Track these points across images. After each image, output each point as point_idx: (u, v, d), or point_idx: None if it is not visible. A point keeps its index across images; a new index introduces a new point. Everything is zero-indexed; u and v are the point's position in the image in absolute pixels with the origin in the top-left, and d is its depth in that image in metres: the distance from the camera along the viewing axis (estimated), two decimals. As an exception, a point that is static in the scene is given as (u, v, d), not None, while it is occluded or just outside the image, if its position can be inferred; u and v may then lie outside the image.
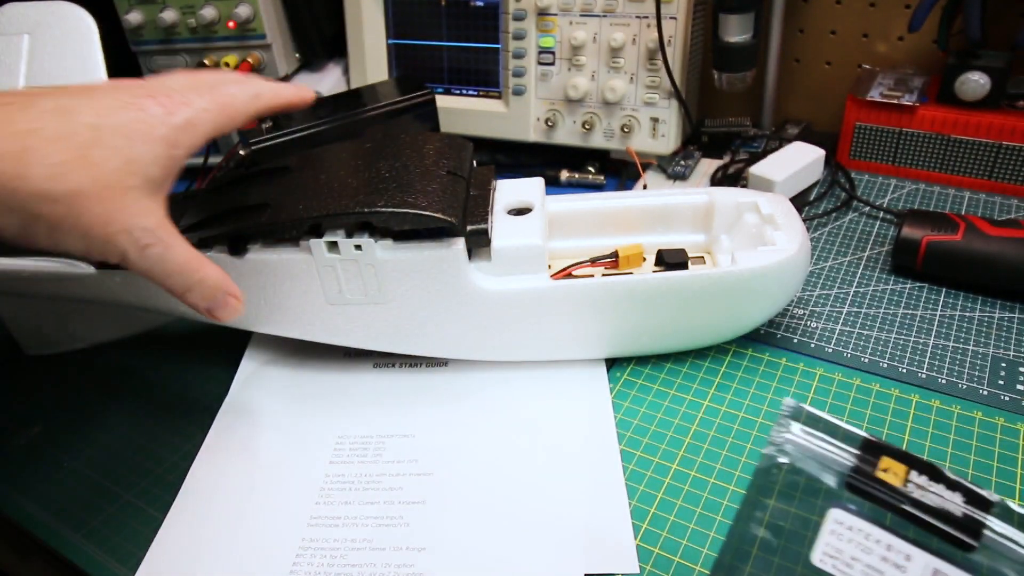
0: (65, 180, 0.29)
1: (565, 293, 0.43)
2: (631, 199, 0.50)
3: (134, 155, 0.32)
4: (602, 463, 0.40)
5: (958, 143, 0.63)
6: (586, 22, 0.65)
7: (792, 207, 0.47)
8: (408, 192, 0.41)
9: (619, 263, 0.47)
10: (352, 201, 0.41)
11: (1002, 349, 0.47)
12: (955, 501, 0.27)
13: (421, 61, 0.74)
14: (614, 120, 0.67)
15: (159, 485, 0.42)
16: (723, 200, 0.49)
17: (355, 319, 0.45)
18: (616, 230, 0.50)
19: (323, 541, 0.38)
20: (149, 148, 0.32)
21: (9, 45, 0.51)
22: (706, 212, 0.49)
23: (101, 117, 0.31)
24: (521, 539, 0.37)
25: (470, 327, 0.45)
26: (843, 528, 0.27)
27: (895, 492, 0.27)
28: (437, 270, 0.42)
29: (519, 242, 0.43)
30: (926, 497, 0.27)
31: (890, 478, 0.28)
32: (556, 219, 0.50)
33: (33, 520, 0.41)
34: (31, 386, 0.52)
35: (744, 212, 0.48)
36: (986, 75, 0.60)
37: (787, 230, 0.44)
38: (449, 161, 0.44)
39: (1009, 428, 0.41)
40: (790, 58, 0.74)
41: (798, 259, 0.44)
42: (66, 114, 0.31)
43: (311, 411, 0.46)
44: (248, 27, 0.72)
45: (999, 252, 0.49)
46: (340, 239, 0.41)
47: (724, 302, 0.44)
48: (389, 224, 0.41)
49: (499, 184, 0.48)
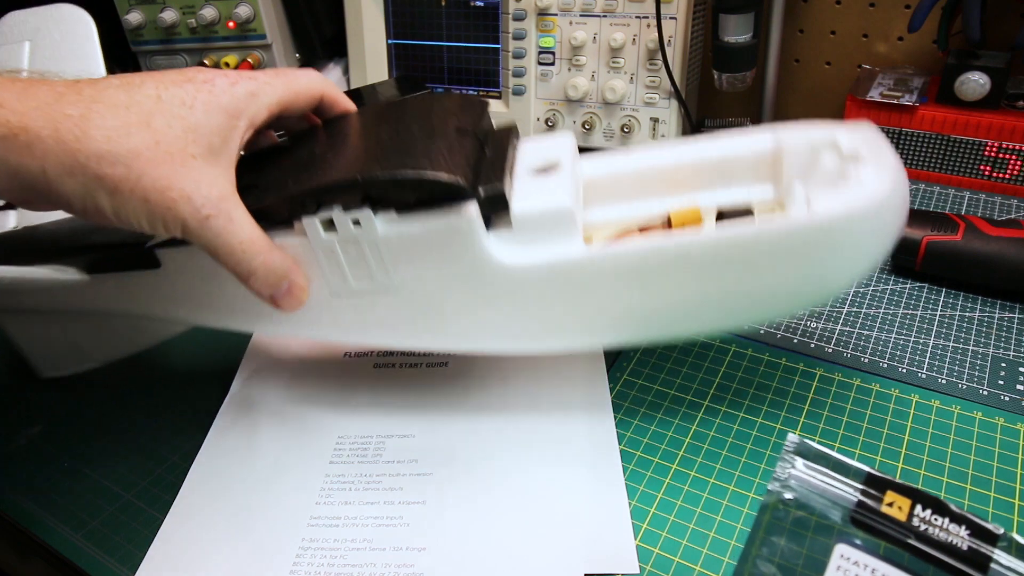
0: (125, 142, 0.30)
1: (605, 263, 0.36)
2: (680, 150, 0.42)
3: (195, 123, 0.32)
4: (602, 463, 0.40)
5: (958, 143, 0.63)
6: (586, 22, 0.65)
7: (881, 135, 0.38)
8: (409, 155, 0.35)
9: (673, 230, 0.40)
10: (346, 172, 0.35)
11: (1002, 349, 0.47)
12: (960, 535, 0.27)
13: (421, 61, 0.74)
14: (614, 120, 0.67)
15: (159, 485, 0.42)
16: (792, 141, 0.40)
17: (365, 312, 0.40)
18: (666, 190, 0.42)
19: (323, 541, 0.38)
20: (211, 117, 0.33)
21: (11, 54, 0.52)
22: (772, 158, 0.41)
23: (164, 88, 0.32)
24: (521, 539, 0.37)
25: (494, 313, 0.38)
26: (849, 563, 0.27)
27: (900, 526, 0.27)
28: (448, 243, 0.36)
29: (545, 204, 0.36)
30: (931, 531, 0.27)
31: (895, 512, 0.28)
32: (593, 183, 0.42)
33: (33, 520, 0.41)
34: (31, 386, 0.52)
35: (821, 152, 0.39)
36: (986, 75, 0.60)
37: (876, 164, 0.36)
38: (458, 119, 0.38)
39: (1009, 428, 0.41)
40: (790, 58, 0.74)
41: (892, 200, 0.35)
42: (131, 86, 0.32)
43: (311, 411, 0.46)
44: (248, 27, 0.73)
45: (999, 252, 0.49)
46: (336, 214, 0.36)
47: (802, 261, 0.35)
48: (388, 193, 0.35)
49: (522, 144, 0.41)
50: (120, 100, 0.31)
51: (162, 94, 0.32)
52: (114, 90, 0.31)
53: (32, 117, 0.29)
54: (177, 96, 0.32)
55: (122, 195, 0.31)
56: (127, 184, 0.30)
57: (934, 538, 0.27)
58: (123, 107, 0.31)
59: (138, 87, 0.32)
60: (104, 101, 0.31)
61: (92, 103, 0.30)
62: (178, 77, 0.33)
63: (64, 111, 0.30)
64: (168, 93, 0.32)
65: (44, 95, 0.30)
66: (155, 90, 0.32)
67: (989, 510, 0.37)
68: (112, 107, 0.31)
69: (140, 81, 0.32)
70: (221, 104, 0.33)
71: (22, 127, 0.29)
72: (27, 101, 0.29)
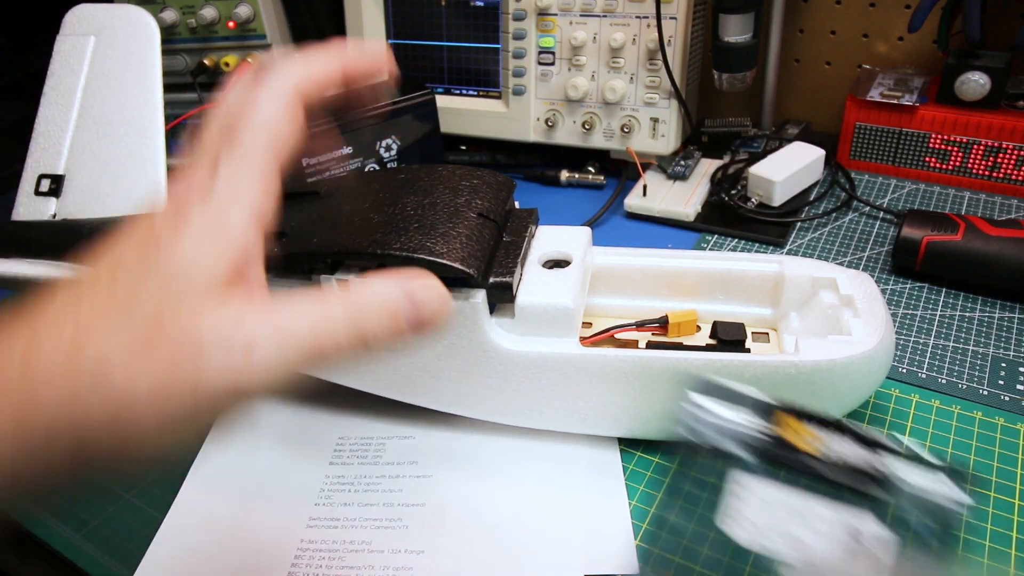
0: (139, 381, 0.22)
1: (595, 363, 0.38)
2: (691, 260, 0.45)
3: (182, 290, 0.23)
4: (602, 464, 0.40)
5: (958, 143, 0.63)
6: (586, 22, 0.65)
7: (876, 289, 0.41)
8: (429, 235, 0.37)
9: (668, 330, 0.43)
10: (368, 240, 0.37)
11: (1002, 349, 0.47)
12: (860, 453, 0.27)
13: (421, 61, 0.74)
14: (614, 120, 0.67)
15: (159, 485, 0.42)
16: (796, 272, 0.43)
17: (364, 363, 0.42)
18: (669, 292, 0.45)
19: (322, 543, 0.38)
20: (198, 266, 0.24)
21: (76, 46, 0.52)
22: (775, 284, 0.44)
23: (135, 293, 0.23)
24: (521, 540, 0.37)
25: (487, 387, 0.40)
26: (752, 495, 0.27)
27: (800, 451, 0.27)
28: (453, 322, 0.38)
29: (547, 301, 0.38)
30: (831, 452, 0.27)
31: (792, 436, 0.27)
32: (602, 273, 0.45)
33: (33, 520, 0.41)
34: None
35: (820, 289, 0.42)
36: (986, 75, 0.60)
37: (867, 317, 0.39)
38: (483, 201, 0.40)
39: (1009, 428, 0.41)
40: (790, 58, 0.74)
41: (876, 355, 0.37)
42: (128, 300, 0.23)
43: (311, 412, 0.46)
44: (248, 27, 0.73)
45: (999, 252, 0.49)
46: (352, 278, 0.38)
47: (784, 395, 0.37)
48: (403, 267, 0.37)
49: (540, 231, 0.43)
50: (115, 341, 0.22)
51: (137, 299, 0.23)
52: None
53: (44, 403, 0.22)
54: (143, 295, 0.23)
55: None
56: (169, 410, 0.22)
57: (834, 458, 0.27)
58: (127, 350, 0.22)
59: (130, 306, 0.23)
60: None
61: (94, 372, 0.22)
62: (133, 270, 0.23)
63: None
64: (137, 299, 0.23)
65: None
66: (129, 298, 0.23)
67: (989, 510, 0.37)
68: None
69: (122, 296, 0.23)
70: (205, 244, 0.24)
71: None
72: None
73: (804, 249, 0.59)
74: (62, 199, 0.51)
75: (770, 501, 0.27)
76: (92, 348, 0.22)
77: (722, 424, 0.28)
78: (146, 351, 0.22)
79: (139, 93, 0.51)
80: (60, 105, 0.52)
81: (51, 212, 0.51)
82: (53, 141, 0.51)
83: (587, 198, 0.69)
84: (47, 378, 0.22)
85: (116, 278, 0.24)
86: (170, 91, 0.63)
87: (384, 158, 0.67)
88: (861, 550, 0.26)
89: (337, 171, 0.66)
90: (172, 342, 0.22)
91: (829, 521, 0.26)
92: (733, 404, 0.29)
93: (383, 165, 0.68)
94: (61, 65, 0.52)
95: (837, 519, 0.26)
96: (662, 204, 0.64)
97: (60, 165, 0.51)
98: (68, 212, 0.50)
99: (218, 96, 0.28)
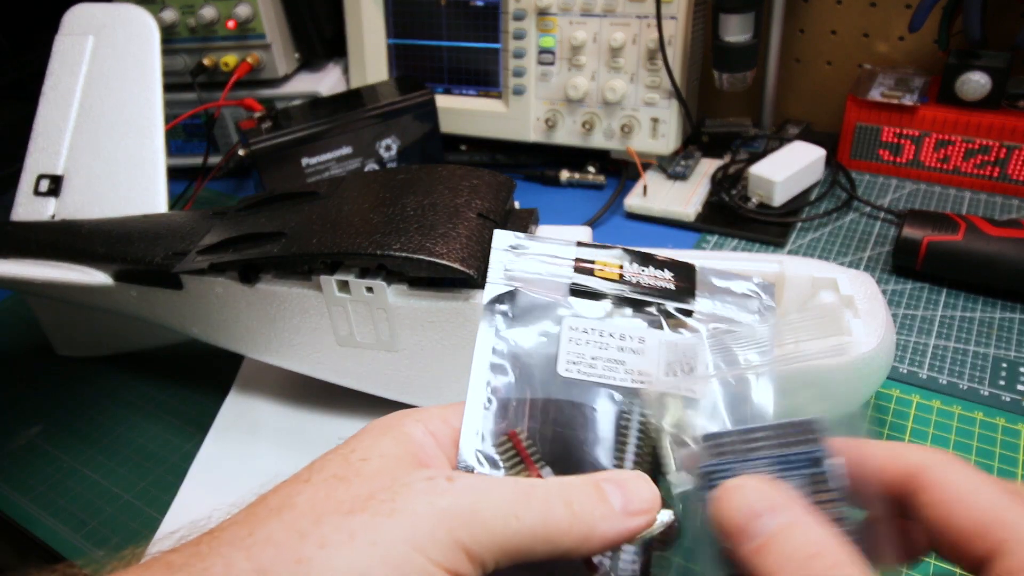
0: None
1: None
2: (691, 260, 0.46)
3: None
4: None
5: (958, 143, 0.63)
6: (586, 22, 0.65)
7: (878, 290, 0.41)
8: (429, 235, 0.37)
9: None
10: (367, 240, 0.37)
11: (1003, 350, 0.47)
12: (667, 277, 0.30)
13: (421, 61, 0.74)
14: (614, 120, 0.67)
15: (159, 485, 0.42)
16: (796, 272, 0.42)
17: (365, 363, 0.42)
18: None
19: (323, 542, 0.38)
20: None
21: (75, 45, 0.52)
22: (775, 284, 0.43)
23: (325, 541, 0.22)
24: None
25: None
26: (578, 333, 0.28)
27: (614, 284, 0.29)
28: (453, 323, 0.38)
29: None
30: (642, 280, 0.29)
31: (608, 274, 0.29)
32: None
33: (33, 520, 0.41)
34: (31, 386, 0.52)
35: (820, 289, 0.42)
36: (986, 75, 0.60)
37: (868, 318, 0.38)
38: (483, 202, 0.40)
39: (1010, 429, 0.41)
40: (790, 58, 0.74)
41: (877, 356, 0.37)
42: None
43: (311, 411, 0.46)
44: (248, 27, 0.72)
45: (1000, 252, 0.49)
46: (352, 279, 0.38)
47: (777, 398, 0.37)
48: (403, 269, 0.37)
49: (540, 230, 0.44)
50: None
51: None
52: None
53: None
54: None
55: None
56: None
57: (646, 285, 0.29)
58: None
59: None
60: None
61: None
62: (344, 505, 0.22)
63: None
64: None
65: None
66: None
67: (990, 511, 0.37)
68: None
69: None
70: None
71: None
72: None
73: (804, 249, 0.59)
74: (61, 199, 0.51)
75: (594, 336, 0.28)
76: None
77: (545, 277, 0.29)
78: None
79: (138, 93, 0.51)
80: (59, 105, 0.52)
81: (50, 212, 0.51)
82: (52, 141, 0.51)
83: (587, 198, 0.69)
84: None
85: None
86: (169, 91, 0.63)
87: (384, 158, 0.67)
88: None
89: (337, 171, 0.66)
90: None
91: (649, 342, 0.28)
92: (551, 255, 0.30)
93: (383, 165, 0.68)
94: (60, 65, 0.52)
95: (656, 339, 0.28)
96: (662, 204, 0.64)
97: (59, 165, 0.51)
98: (67, 212, 0.50)
99: None
